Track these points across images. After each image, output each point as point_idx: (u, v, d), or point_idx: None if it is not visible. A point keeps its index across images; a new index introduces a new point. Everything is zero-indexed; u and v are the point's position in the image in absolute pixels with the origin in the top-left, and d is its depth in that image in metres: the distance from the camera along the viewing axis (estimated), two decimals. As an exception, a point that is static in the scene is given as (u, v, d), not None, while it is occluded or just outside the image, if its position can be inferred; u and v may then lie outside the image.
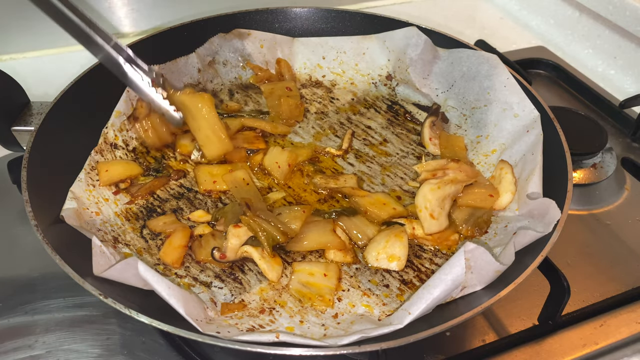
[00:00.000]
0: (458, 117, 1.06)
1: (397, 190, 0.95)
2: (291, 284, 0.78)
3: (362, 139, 1.06)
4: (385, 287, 0.80)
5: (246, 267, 0.82)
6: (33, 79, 1.12)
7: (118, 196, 0.90)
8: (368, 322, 0.72)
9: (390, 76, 1.15)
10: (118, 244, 0.82)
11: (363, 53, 1.15)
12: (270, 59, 1.16)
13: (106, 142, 0.95)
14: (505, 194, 0.88)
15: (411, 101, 1.13)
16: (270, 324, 0.73)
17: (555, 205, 0.75)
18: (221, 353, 0.76)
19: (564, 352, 0.77)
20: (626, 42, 1.33)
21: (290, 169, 0.96)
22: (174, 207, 0.91)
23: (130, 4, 1.40)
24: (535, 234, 0.74)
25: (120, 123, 0.97)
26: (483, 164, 0.97)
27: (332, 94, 1.16)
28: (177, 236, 0.83)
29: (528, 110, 0.94)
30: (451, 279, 0.67)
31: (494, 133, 0.98)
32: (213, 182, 0.92)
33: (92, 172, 0.90)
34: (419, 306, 0.67)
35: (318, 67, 1.18)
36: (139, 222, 0.87)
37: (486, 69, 1.01)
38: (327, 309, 0.76)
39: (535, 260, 0.69)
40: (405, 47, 1.09)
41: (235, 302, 0.76)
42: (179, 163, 0.98)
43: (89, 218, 0.83)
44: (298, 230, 0.83)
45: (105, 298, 0.64)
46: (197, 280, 0.79)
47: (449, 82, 1.08)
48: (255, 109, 1.11)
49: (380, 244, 0.83)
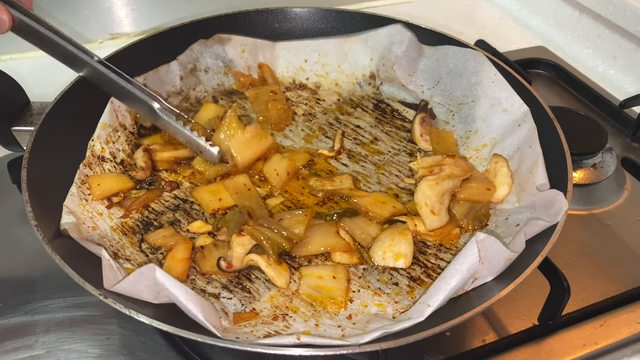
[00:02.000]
0: (445, 113, 1.07)
1: (393, 188, 0.96)
2: (301, 288, 0.78)
3: (353, 139, 1.06)
4: (395, 285, 0.80)
5: (253, 276, 0.81)
6: (33, 79, 1.12)
7: (112, 210, 0.88)
8: (384, 320, 0.72)
9: (373, 75, 1.15)
10: (119, 259, 0.80)
11: (346, 54, 1.15)
12: (253, 63, 1.15)
13: (93, 155, 0.92)
14: (502, 187, 0.89)
15: (397, 99, 1.13)
16: (285, 329, 0.72)
17: (562, 197, 0.76)
18: (221, 353, 0.76)
19: (564, 352, 0.77)
20: (626, 42, 1.33)
21: (289, 177, 0.95)
22: (171, 220, 0.89)
23: (130, 4, 1.40)
24: (545, 223, 0.74)
25: (107, 135, 0.95)
26: (475, 158, 0.98)
27: (317, 95, 1.15)
28: (179, 249, 0.82)
29: (517, 105, 0.95)
30: (467, 268, 0.68)
31: (483, 128, 0.99)
32: (219, 200, 0.90)
33: (83, 186, 0.87)
34: (438, 297, 0.67)
35: (301, 70, 1.17)
36: (136, 236, 0.86)
37: (473, 65, 1.02)
38: (340, 310, 0.75)
39: (535, 260, 0.69)
40: (390, 45, 1.09)
41: (247, 312, 0.75)
42: (170, 174, 0.96)
43: (87, 233, 0.82)
44: (302, 235, 0.82)
45: (105, 298, 0.64)
46: (204, 292, 0.78)
47: (434, 79, 1.08)
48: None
49: (385, 243, 0.83)
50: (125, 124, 0.99)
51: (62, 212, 0.80)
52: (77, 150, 0.91)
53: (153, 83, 1.05)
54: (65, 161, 0.88)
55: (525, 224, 0.76)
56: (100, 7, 1.38)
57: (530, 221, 0.76)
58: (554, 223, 0.74)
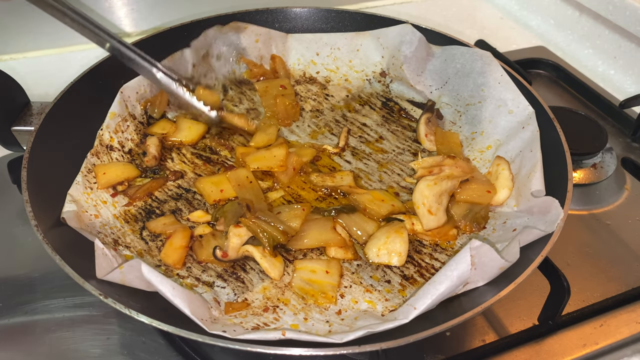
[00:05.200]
0: (452, 113, 1.07)
1: (394, 187, 0.96)
2: (293, 281, 0.79)
3: (358, 137, 1.06)
4: (387, 282, 0.80)
5: (248, 266, 0.82)
6: (33, 79, 1.12)
7: (116, 198, 0.90)
8: (372, 317, 0.72)
9: (384, 73, 1.15)
10: (118, 247, 0.82)
11: (357, 50, 1.16)
12: (265, 54, 1.16)
13: (102, 144, 0.94)
14: (502, 190, 0.89)
15: (405, 98, 1.13)
16: (274, 321, 0.73)
17: (558, 204, 0.75)
18: (221, 353, 0.76)
19: (564, 352, 0.77)
20: (626, 42, 1.33)
21: (295, 172, 0.96)
22: (173, 208, 0.90)
23: (130, 4, 1.40)
24: (539, 232, 0.74)
25: (116, 125, 0.97)
26: (479, 160, 0.98)
27: (326, 91, 1.16)
28: (178, 237, 0.83)
29: (522, 106, 0.95)
30: (457, 275, 0.67)
31: (488, 129, 0.99)
32: (220, 191, 0.91)
33: (89, 175, 0.89)
34: (425, 301, 0.67)
35: (312, 63, 1.18)
36: (138, 223, 0.87)
37: (480, 66, 1.02)
38: (331, 305, 0.76)
39: (535, 260, 0.69)
40: (399, 44, 1.09)
41: (238, 301, 0.76)
42: (175, 164, 0.98)
43: (88, 221, 0.83)
44: (298, 229, 0.83)
45: (105, 298, 0.64)
46: (199, 280, 0.79)
47: (442, 79, 1.08)
48: (250, 107, 1.11)
49: (380, 240, 0.83)
50: (135, 114, 1.01)
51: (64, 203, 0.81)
52: (77, 150, 0.91)
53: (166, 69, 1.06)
54: (65, 161, 0.88)
55: (521, 232, 0.76)
56: (100, 7, 1.38)
57: (525, 229, 0.76)
58: (549, 232, 0.74)
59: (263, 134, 1.02)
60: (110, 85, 0.98)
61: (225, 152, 1.01)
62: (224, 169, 0.97)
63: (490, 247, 0.69)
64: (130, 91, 1.00)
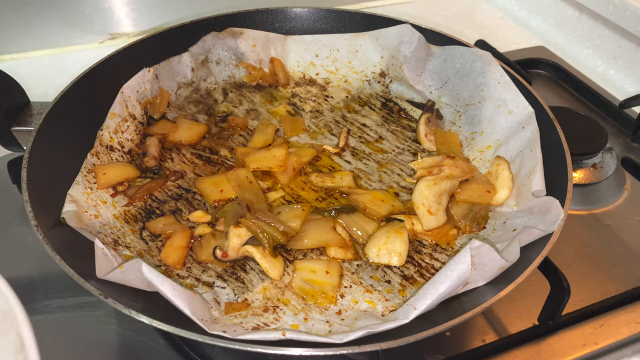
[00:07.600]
0: (452, 113, 1.07)
1: (394, 187, 0.96)
2: (294, 282, 0.79)
3: (358, 137, 1.06)
4: (387, 282, 0.80)
5: (248, 267, 0.82)
6: (33, 79, 1.12)
7: (116, 198, 0.90)
8: (372, 317, 0.72)
9: (383, 73, 1.15)
10: (118, 247, 0.82)
11: (356, 50, 1.16)
12: (264, 57, 1.16)
13: (102, 145, 0.94)
14: (502, 189, 0.89)
15: (405, 98, 1.13)
16: (274, 322, 0.73)
17: (558, 204, 0.75)
18: (221, 353, 0.76)
19: (564, 352, 0.77)
20: (626, 42, 1.33)
21: (295, 172, 0.96)
22: (173, 208, 0.90)
23: (130, 4, 1.40)
24: (539, 232, 0.74)
25: (115, 125, 0.97)
26: (478, 160, 0.98)
27: (326, 92, 1.16)
28: (178, 237, 0.83)
29: (522, 106, 0.95)
30: (457, 275, 0.67)
31: (488, 129, 0.99)
32: (220, 192, 0.91)
33: (89, 175, 0.89)
34: (425, 302, 0.67)
35: (311, 65, 1.18)
36: (138, 224, 0.87)
37: (479, 66, 1.02)
38: (331, 305, 0.76)
39: (535, 260, 0.69)
40: (398, 45, 1.09)
41: (238, 302, 0.76)
42: (175, 164, 0.98)
43: (88, 221, 0.83)
44: (298, 229, 0.83)
45: (105, 298, 0.64)
46: (199, 280, 0.79)
47: (442, 79, 1.08)
48: (250, 109, 1.11)
49: (380, 240, 0.83)
50: (135, 114, 1.01)
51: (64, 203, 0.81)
52: (77, 150, 0.91)
53: (164, 73, 1.07)
54: (65, 161, 0.88)
55: (521, 232, 0.76)
56: (100, 7, 1.38)
57: (525, 229, 0.76)
58: (549, 232, 0.74)
59: (261, 134, 1.03)
60: (110, 85, 0.98)
61: (225, 152, 1.01)
62: (224, 169, 0.97)
63: (490, 247, 0.69)
64: (130, 91, 1.00)
